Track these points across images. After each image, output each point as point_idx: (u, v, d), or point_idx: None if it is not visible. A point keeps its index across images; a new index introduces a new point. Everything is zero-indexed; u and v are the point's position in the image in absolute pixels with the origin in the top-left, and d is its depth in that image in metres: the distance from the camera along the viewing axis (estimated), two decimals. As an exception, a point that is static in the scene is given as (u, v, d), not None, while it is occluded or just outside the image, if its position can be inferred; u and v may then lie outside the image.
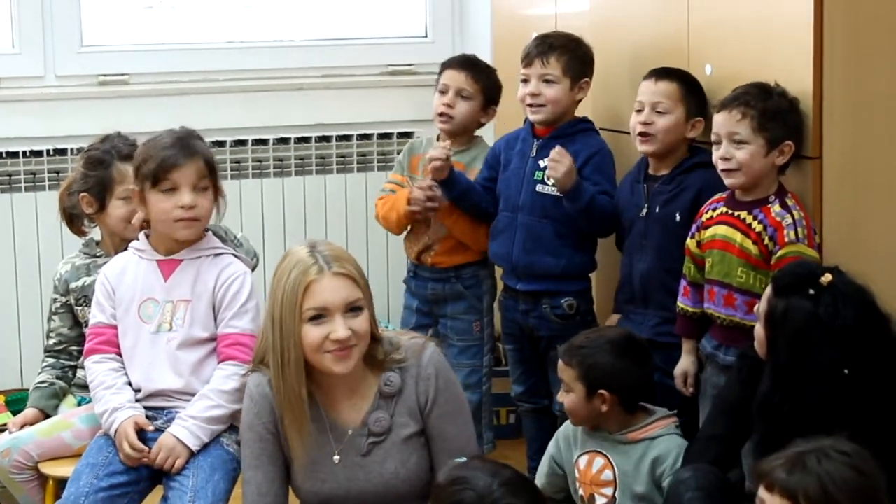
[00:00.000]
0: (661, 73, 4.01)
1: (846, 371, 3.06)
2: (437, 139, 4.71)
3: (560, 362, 3.73)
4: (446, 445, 3.33)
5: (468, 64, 4.70)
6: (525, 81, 4.34)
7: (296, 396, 3.25)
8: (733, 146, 3.61)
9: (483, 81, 4.66)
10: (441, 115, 4.65)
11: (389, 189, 4.75)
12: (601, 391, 3.64)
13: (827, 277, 3.12)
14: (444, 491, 2.86)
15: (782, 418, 3.08)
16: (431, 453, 3.35)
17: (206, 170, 3.61)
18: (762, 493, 2.68)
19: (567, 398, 3.70)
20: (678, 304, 3.85)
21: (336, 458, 3.32)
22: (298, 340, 3.21)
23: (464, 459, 2.97)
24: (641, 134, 3.99)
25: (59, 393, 3.97)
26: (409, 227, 4.68)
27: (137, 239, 3.71)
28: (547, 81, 4.30)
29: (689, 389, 3.85)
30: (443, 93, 4.66)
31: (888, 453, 2.99)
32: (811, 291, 3.11)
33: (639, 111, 4.00)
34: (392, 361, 3.33)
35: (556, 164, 4.14)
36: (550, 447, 3.87)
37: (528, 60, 4.33)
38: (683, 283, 3.83)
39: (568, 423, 3.84)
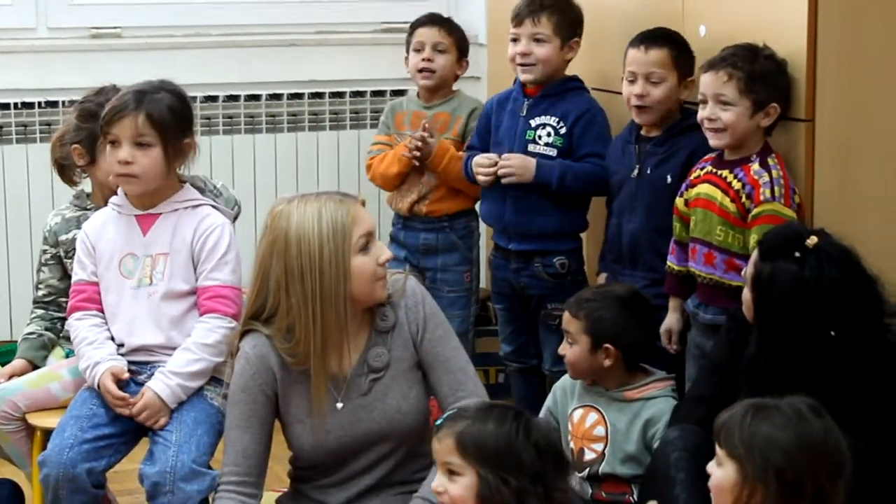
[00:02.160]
0: (649, 40, 3.98)
1: (832, 333, 3.06)
2: (417, 96, 4.84)
3: (566, 314, 3.73)
4: (447, 367, 3.34)
5: (439, 19, 4.85)
6: (515, 41, 4.34)
7: (343, 333, 3.24)
8: (719, 107, 3.62)
9: (455, 34, 4.81)
10: (422, 70, 4.75)
11: (377, 150, 4.79)
12: (606, 345, 3.65)
13: (812, 240, 3.12)
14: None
15: (769, 381, 3.08)
16: (431, 382, 3.36)
17: (149, 124, 3.55)
18: (717, 449, 2.70)
19: (570, 350, 3.70)
20: (667, 262, 3.85)
21: (339, 405, 3.32)
22: (349, 274, 3.20)
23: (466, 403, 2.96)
24: (638, 107, 3.99)
25: (48, 344, 3.96)
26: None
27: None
28: (537, 41, 4.30)
29: (672, 347, 3.86)
30: (418, 50, 4.77)
31: (872, 413, 3.01)
32: (797, 254, 3.11)
33: (631, 81, 3.99)
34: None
35: (510, 172, 4.21)
36: (548, 399, 3.88)
37: (518, 20, 4.33)
38: (672, 242, 3.84)
39: (566, 376, 3.85)
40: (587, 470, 3.68)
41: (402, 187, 4.73)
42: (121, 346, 3.60)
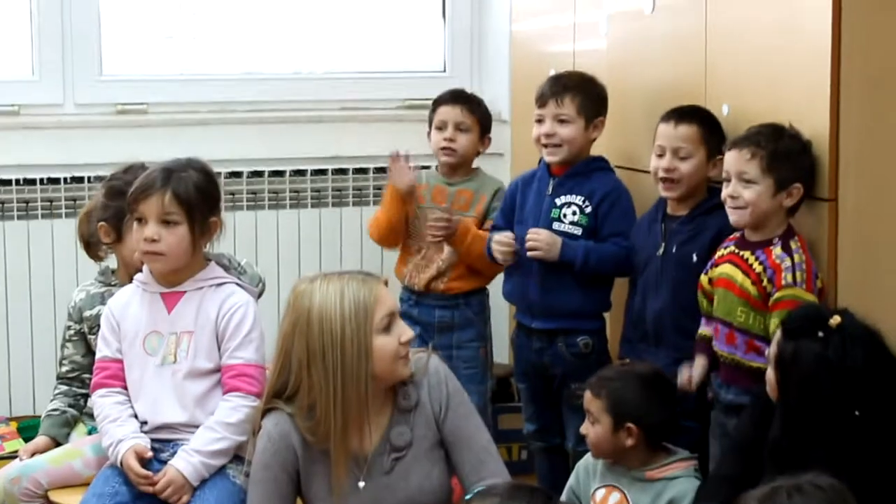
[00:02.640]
0: (679, 116, 3.99)
1: (857, 413, 3.05)
2: (436, 170, 4.85)
3: (587, 393, 3.72)
4: (469, 445, 3.34)
5: (462, 98, 4.85)
6: (540, 122, 4.34)
7: (360, 414, 3.25)
8: (741, 185, 3.62)
9: (478, 113, 4.82)
10: (444, 149, 4.77)
11: None
12: (628, 425, 3.63)
13: (836, 319, 3.11)
14: None
15: (792, 461, 3.06)
16: (454, 461, 3.35)
17: (175, 202, 3.58)
18: None
19: (592, 430, 3.68)
20: (700, 331, 3.83)
21: (361, 483, 3.31)
22: (371, 353, 3.22)
23: (494, 482, 2.93)
24: (665, 180, 3.99)
25: (71, 421, 3.97)
26: (400, 243, 4.82)
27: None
28: (561, 121, 4.30)
29: (691, 385, 3.81)
30: (440, 129, 4.79)
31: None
32: (820, 334, 3.10)
33: (660, 156, 3.99)
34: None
35: (537, 247, 4.21)
36: (571, 479, 3.86)
37: (542, 101, 4.34)
38: (703, 316, 3.83)
39: (589, 455, 3.83)
40: (612, 551, 3.66)
41: (418, 262, 4.75)
42: (144, 423, 3.61)
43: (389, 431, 3.32)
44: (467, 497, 2.86)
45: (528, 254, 4.25)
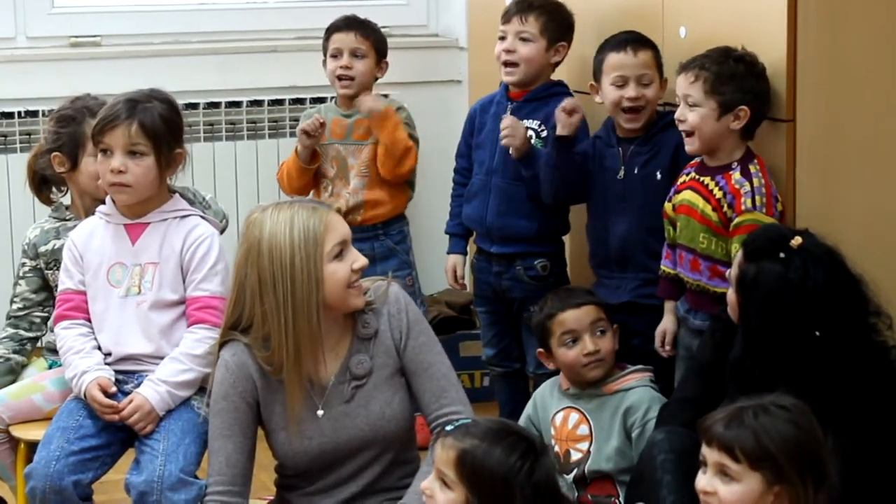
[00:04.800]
0: (634, 43, 3.98)
1: (817, 333, 3.07)
2: (334, 103, 4.83)
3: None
4: (429, 374, 3.34)
5: (356, 23, 4.80)
6: (502, 39, 4.33)
7: (316, 341, 3.24)
8: (687, 108, 3.63)
9: (373, 37, 4.78)
10: (341, 78, 4.73)
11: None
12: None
13: (797, 240, 3.13)
14: (483, 456, 2.75)
15: (754, 382, 3.08)
16: (415, 389, 3.36)
17: (142, 133, 3.55)
18: (703, 448, 2.73)
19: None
20: (661, 266, 3.85)
21: (320, 412, 3.31)
22: (321, 282, 3.20)
23: (461, 419, 2.93)
24: (630, 110, 3.97)
25: (17, 368, 3.91)
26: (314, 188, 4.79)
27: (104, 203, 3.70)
28: (523, 39, 4.29)
29: (666, 349, 3.85)
30: (335, 56, 4.75)
31: (857, 413, 3.02)
32: (781, 255, 3.12)
33: (620, 86, 3.97)
34: (364, 304, 3.34)
35: (511, 133, 4.16)
36: (528, 408, 3.90)
37: (506, 17, 4.34)
38: (665, 245, 3.84)
39: (545, 384, 3.88)
40: (574, 471, 3.69)
41: (327, 200, 4.69)
42: (108, 355, 3.60)
43: (349, 360, 3.33)
44: (449, 428, 2.85)
45: (504, 142, 4.20)
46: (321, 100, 5.36)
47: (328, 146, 4.75)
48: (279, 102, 5.47)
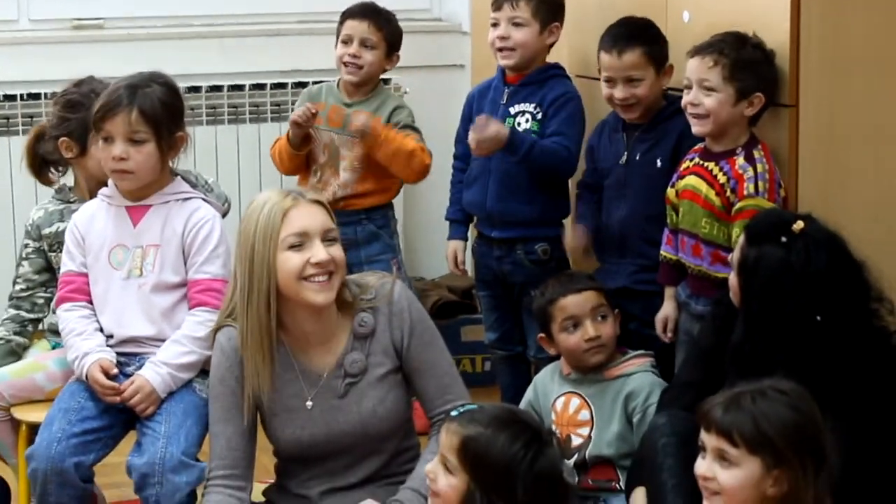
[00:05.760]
0: (620, 43, 3.96)
1: (818, 318, 3.07)
2: (337, 85, 4.75)
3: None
4: (433, 372, 3.34)
5: (370, 12, 4.72)
6: (495, 25, 4.33)
7: (264, 329, 3.23)
8: (703, 93, 3.62)
9: (385, 28, 4.69)
10: (347, 65, 4.67)
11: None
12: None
13: (799, 225, 3.12)
14: (487, 443, 2.75)
15: (754, 366, 3.09)
16: (417, 387, 3.36)
17: (142, 120, 3.54)
18: (702, 433, 2.73)
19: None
20: (661, 252, 3.85)
21: (309, 403, 3.32)
22: (273, 269, 3.19)
23: (472, 406, 2.92)
24: (623, 106, 3.99)
25: (17, 350, 3.89)
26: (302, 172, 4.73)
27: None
28: (516, 24, 4.28)
29: (668, 335, 3.86)
30: (346, 42, 4.68)
31: (856, 397, 3.02)
32: (783, 239, 3.12)
33: (610, 84, 3.98)
34: (363, 303, 3.34)
35: (479, 132, 4.13)
36: (528, 393, 3.90)
37: (497, 4, 4.33)
38: (666, 231, 3.84)
39: (546, 369, 3.88)
40: (575, 456, 3.69)
41: (315, 185, 4.64)
42: (109, 337, 3.60)
43: (344, 357, 3.32)
44: (454, 413, 2.85)
45: (472, 144, 4.18)
46: (324, 83, 5.35)
47: (322, 131, 4.69)
48: (282, 86, 5.47)
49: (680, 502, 3.13)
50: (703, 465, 2.75)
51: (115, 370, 3.53)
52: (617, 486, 3.65)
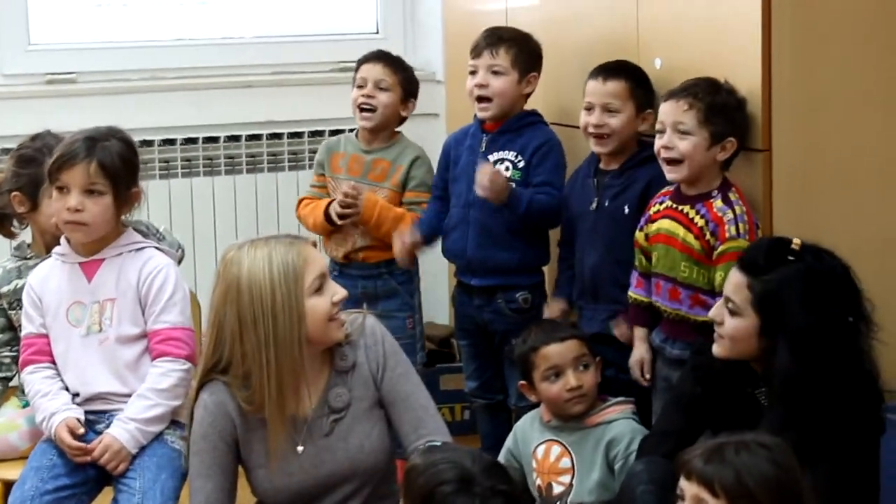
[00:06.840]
0: (607, 72, 4.00)
1: (850, 319, 3.07)
2: (356, 136, 4.72)
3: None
4: (407, 404, 3.33)
5: (385, 56, 4.71)
6: (473, 73, 4.34)
7: (296, 379, 3.22)
8: (677, 136, 3.62)
9: (401, 73, 4.67)
10: (362, 107, 4.63)
11: (314, 192, 4.76)
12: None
13: (797, 240, 3.13)
14: (422, 472, 2.76)
15: (804, 391, 3.04)
16: (393, 420, 3.34)
17: (101, 173, 3.54)
18: (682, 482, 2.71)
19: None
20: (630, 294, 3.85)
21: (300, 448, 3.29)
22: (303, 316, 3.18)
23: (436, 443, 2.91)
24: (595, 135, 3.99)
25: None
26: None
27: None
28: (495, 73, 4.29)
29: (646, 376, 3.84)
30: (361, 86, 4.65)
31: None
32: (791, 257, 3.12)
33: (589, 111, 4.00)
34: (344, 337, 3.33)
35: (486, 185, 4.13)
36: (508, 441, 3.89)
37: (476, 51, 4.34)
38: (635, 274, 3.84)
39: (526, 416, 3.87)
40: (556, 504, 3.69)
41: (335, 236, 4.64)
42: (76, 395, 3.58)
43: (327, 393, 3.31)
44: (412, 453, 2.84)
45: (481, 193, 4.18)
46: (297, 135, 5.36)
47: (342, 180, 4.65)
48: (256, 137, 5.46)
49: (658, 548, 3.12)
50: None
51: (82, 430, 3.51)
52: (598, 533, 3.64)
